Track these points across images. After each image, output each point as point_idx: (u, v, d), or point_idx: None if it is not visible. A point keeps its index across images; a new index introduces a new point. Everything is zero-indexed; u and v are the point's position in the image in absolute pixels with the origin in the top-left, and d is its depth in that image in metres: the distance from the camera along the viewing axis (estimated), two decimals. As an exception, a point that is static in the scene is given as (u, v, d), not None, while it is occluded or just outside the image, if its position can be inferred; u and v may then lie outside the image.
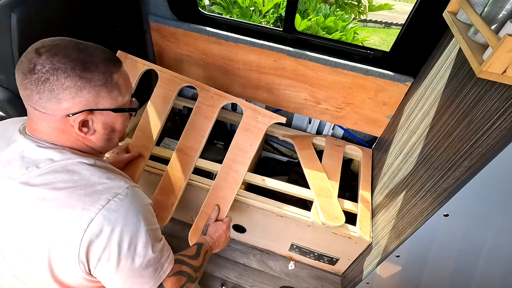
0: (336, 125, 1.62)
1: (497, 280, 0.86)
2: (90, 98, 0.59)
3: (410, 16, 1.14)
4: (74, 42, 0.59)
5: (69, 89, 0.56)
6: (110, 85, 0.61)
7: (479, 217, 0.73)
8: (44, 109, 0.57)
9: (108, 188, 0.60)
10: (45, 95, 0.55)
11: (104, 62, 0.60)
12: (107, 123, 0.65)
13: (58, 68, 0.55)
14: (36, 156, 0.60)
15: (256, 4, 3.35)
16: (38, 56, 0.55)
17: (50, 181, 0.58)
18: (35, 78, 0.54)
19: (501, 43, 0.54)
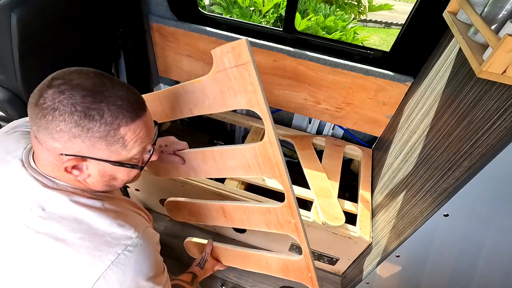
0: (336, 125, 1.62)
1: (497, 280, 0.86)
2: (84, 147, 0.52)
3: (410, 16, 1.14)
4: (92, 81, 0.52)
5: (62, 132, 0.50)
6: (112, 139, 0.53)
7: (479, 217, 0.73)
8: (41, 141, 0.53)
9: (118, 239, 0.57)
10: (42, 129, 0.51)
11: (115, 112, 0.52)
12: (105, 172, 0.58)
13: (57, 109, 0.49)
14: (41, 196, 0.56)
15: (256, 4, 3.35)
16: (48, 88, 0.51)
17: (56, 230, 0.55)
18: (36, 110, 0.51)
19: (501, 43, 0.54)
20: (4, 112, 1.23)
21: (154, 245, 0.64)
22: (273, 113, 1.72)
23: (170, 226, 1.56)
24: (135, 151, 0.58)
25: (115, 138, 0.53)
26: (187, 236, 1.51)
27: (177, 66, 1.60)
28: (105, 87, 0.52)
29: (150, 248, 0.61)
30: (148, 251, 0.60)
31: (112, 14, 1.35)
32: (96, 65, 1.43)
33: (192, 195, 1.33)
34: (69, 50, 1.23)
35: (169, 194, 1.42)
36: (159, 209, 1.54)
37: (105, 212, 0.59)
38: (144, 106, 0.58)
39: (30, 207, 0.56)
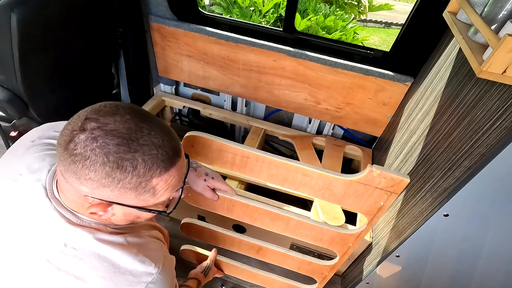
0: (336, 125, 1.62)
1: (497, 280, 0.86)
2: (112, 195, 0.50)
3: (410, 16, 1.14)
4: (128, 125, 0.48)
5: (91, 181, 0.48)
6: (143, 190, 0.50)
7: (479, 217, 0.73)
8: (67, 181, 0.51)
9: (139, 276, 0.56)
10: (70, 172, 0.48)
11: (148, 163, 0.48)
12: (130, 214, 0.56)
13: (88, 158, 0.46)
14: (64, 232, 0.55)
15: (256, 4, 3.35)
16: (81, 131, 0.46)
17: (77, 267, 0.54)
18: (65, 153, 0.47)
19: (501, 43, 0.54)
20: (4, 112, 1.23)
21: (172, 275, 0.65)
22: (273, 113, 1.72)
23: (170, 226, 1.55)
24: (164, 198, 0.55)
25: (145, 188, 0.51)
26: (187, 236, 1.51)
27: (177, 66, 1.60)
28: (142, 133, 0.48)
29: (169, 280, 0.62)
30: (167, 284, 0.60)
31: (112, 14, 1.35)
32: (96, 65, 1.44)
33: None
34: (69, 50, 1.23)
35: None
36: (159, 209, 1.54)
37: (128, 248, 0.58)
38: (180, 151, 0.54)
39: (52, 241, 0.55)
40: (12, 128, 1.31)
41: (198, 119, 1.74)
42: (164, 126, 0.52)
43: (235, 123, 1.70)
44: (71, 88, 1.32)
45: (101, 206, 0.52)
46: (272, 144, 1.85)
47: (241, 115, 1.69)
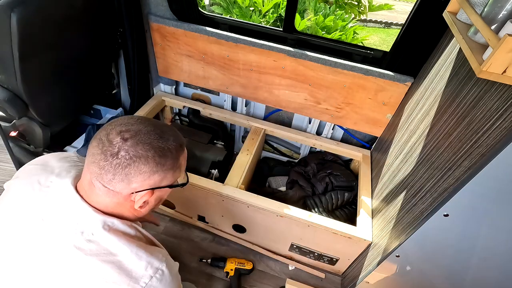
0: (336, 125, 1.62)
1: (497, 280, 0.86)
2: (158, 180, 0.63)
3: (410, 16, 1.14)
4: (153, 127, 0.63)
5: (145, 173, 0.60)
6: (176, 167, 0.66)
7: (479, 217, 0.73)
8: (113, 187, 0.60)
9: (150, 263, 0.63)
10: (120, 177, 0.59)
11: (177, 147, 0.65)
12: (161, 196, 0.70)
13: (141, 156, 0.59)
14: (92, 221, 0.62)
15: (256, 4, 3.35)
16: (124, 141, 0.58)
17: (101, 252, 0.60)
18: (116, 162, 0.58)
19: (501, 43, 0.54)
20: (4, 112, 1.23)
21: (177, 273, 0.71)
22: (273, 113, 1.72)
23: (170, 226, 1.56)
24: (184, 172, 0.72)
25: (177, 165, 0.66)
26: (187, 236, 1.52)
27: (177, 66, 1.60)
28: (163, 129, 0.64)
29: (176, 277, 0.69)
30: (173, 277, 0.66)
31: (112, 14, 1.35)
32: (96, 65, 1.44)
33: (192, 195, 1.33)
34: (69, 50, 1.23)
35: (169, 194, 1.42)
36: (159, 209, 1.54)
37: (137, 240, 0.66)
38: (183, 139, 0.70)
39: (81, 230, 0.61)
40: (12, 128, 1.31)
41: (198, 119, 1.74)
42: (168, 125, 0.68)
43: (235, 123, 1.70)
44: (71, 88, 1.32)
45: (148, 195, 0.63)
46: (272, 144, 1.85)
47: (241, 115, 1.70)
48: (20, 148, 1.32)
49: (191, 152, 1.51)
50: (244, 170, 1.38)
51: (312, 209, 1.46)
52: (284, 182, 1.66)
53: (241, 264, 1.38)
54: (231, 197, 1.25)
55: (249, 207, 1.26)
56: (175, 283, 0.67)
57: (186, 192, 1.32)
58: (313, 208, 1.46)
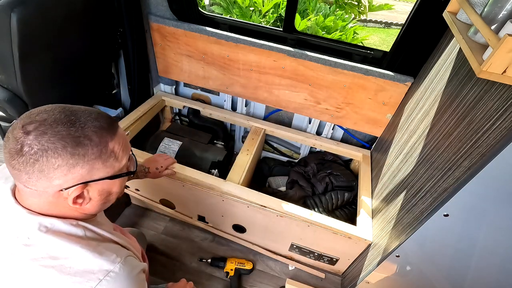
0: (336, 125, 1.62)
1: (497, 280, 0.86)
2: (84, 172, 0.55)
3: (410, 16, 1.14)
4: (64, 114, 0.54)
5: (60, 168, 0.52)
6: (105, 155, 0.57)
7: (479, 217, 0.73)
8: (35, 187, 0.54)
9: (100, 265, 0.57)
10: (35, 175, 0.52)
11: (98, 133, 0.56)
12: (104, 190, 0.61)
13: (48, 149, 0.50)
14: (26, 224, 0.57)
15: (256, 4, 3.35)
16: (26, 135, 0.50)
17: (39, 257, 0.55)
18: (22, 160, 0.51)
19: (501, 43, 0.54)
20: (4, 112, 1.23)
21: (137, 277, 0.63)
22: (273, 113, 1.72)
23: (170, 226, 1.56)
24: (125, 160, 0.63)
25: (107, 154, 0.57)
26: (187, 236, 1.52)
27: (177, 66, 1.60)
28: (77, 115, 0.55)
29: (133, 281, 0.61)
30: (129, 280, 0.60)
31: (112, 14, 1.35)
32: (96, 65, 1.44)
33: (192, 195, 1.33)
34: (69, 50, 1.23)
35: (169, 194, 1.43)
36: (159, 209, 1.54)
37: (86, 240, 0.60)
38: (116, 121, 0.62)
39: (16, 234, 0.57)
40: (12, 128, 1.31)
41: (198, 119, 1.74)
42: (90, 108, 0.59)
43: (235, 123, 1.70)
44: (71, 88, 1.32)
45: (79, 189, 0.56)
46: (272, 144, 1.85)
47: (241, 115, 1.69)
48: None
49: (191, 152, 1.51)
50: (244, 170, 1.38)
51: (312, 209, 1.46)
52: (284, 182, 1.66)
53: (241, 264, 1.38)
54: (232, 194, 1.25)
55: (249, 207, 1.26)
56: (132, 285, 0.60)
57: (186, 192, 1.32)
58: (313, 208, 1.46)
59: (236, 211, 1.32)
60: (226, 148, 1.68)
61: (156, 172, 1.17)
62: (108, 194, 0.63)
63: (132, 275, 0.61)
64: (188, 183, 1.27)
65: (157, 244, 1.47)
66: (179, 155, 1.48)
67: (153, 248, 1.45)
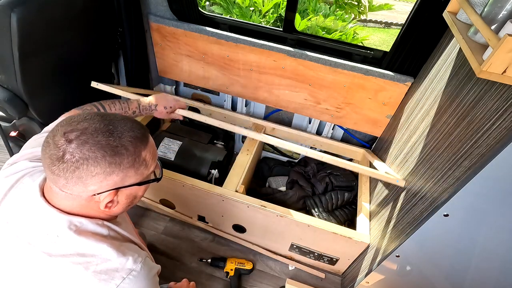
0: (336, 125, 1.62)
1: (497, 280, 0.86)
2: (118, 179, 0.58)
3: (410, 16, 1.14)
4: (103, 123, 0.57)
5: (98, 175, 0.55)
6: (138, 164, 0.60)
7: (479, 217, 0.73)
8: (70, 191, 0.57)
9: (123, 264, 0.61)
10: (73, 181, 0.55)
11: (133, 142, 0.59)
12: (131, 194, 0.65)
13: (89, 158, 0.53)
14: (56, 222, 0.59)
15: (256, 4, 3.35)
16: (68, 143, 0.53)
17: (67, 254, 0.58)
18: (63, 166, 0.53)
19: (501, 43, 0.54)
20: (4, 112, 1.23)
21: (154, 278, 0.67)
22: (273, 113, 1.72)
23: (170, 226, 1.56)
24: (153, 167, 0.65)
25: (139, 162, 0.61)
26: (187, 236, 1.52)
27: (177, 66, 1.60)
28: (114, 125, 0.58)
29: (152, 281, 0.65)
30: (148, 280, 0.63)
31: (111, 14, 1.35)
32: (96, 65, 1.44)
33: (192, 195, 1.33)
34: (69, 50, 1.23)
35: (169, 194, 1.43)
36: (159, 209, 1.54)
37: (110, 239, 0.64)
38: (147, 129, 0.65)
39: (46, 232, 0.59)
40: (12, 128, 1.31)
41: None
42: (126, 116, 0.63)
43: (236, 122, 1.70)
44: (71, 88, 1.32)
45: (111, 195, 0.59)
46: (272, 144, 1.85)
47: (241, 115, 1.69)
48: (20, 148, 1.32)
49: (191, 152, 1.51)
50: (244, 170, 1.38)
51: (312, 209, 1.47)
52: (284, 182, 1.66)
53: (241, 264, 1.38)
54: (230, 199, 1.25)
55: (249, 207, 1.26)
56: (150, 285, 0.64)
57: (186, 192, 1.32)
58: (313, 208, 1.46)
59: (236, 211, 1.32)
60: (226, 148, 1.68)
61: (163, 112, 1.15)
62: (134, 198, 0.66)
63: (150, 275, 0.65)
64: (187, 185, 1.27)
65: (157, 244, 1.47)
66: (179, 155, 1.48)
67: (153, 248, 1.45)
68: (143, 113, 1.10)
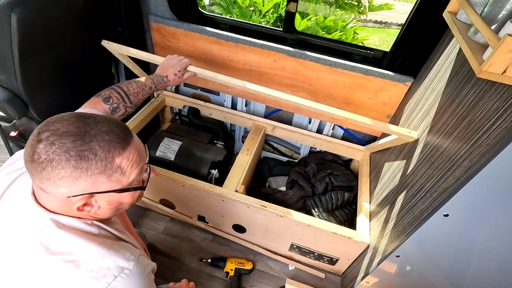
0: (336, 125, 1.62)
1: (497, 280, 0.86)
2: (88, 185, 0.56)
3: (410, 16, 1.14)
4: (76, 126, 0.55)
5: (64, 178, 0.54)
6: (110, 171, 0.57)
7: (479, 217, 0.73)
8: (47, 191, 0.57)
9: (115, 262, 0.60)
10: (45, 180, 0.55)
11: (105, 147, 0.56)
12: (112, 200, 0.62)
13: (53, 160, 0.53)
14: (44, 220, 0.60)
15: (256, 4, 3.35)
16: (37, 143, 0.53)
17: (58, 251, 0.58)
18: (33, 166, 0.54)
19: (501, 43, 0.54)
20: (4, 112, 1.23)
21: (148, 276, 0.66)
22: (273, 113, 1.72)
23: (170, 226, 1.56)
24: (134, 175, 0.62)
25: (112, 169, 0.57)
26: (187, 236, 1.52)
27: (177, 66, 1.60)
28: (89, 126, 0.56)
29: (146, 280, 0.64)
30: (142, 279, 0.63)
31: (111, 14, 1.35)
32: (96, 65, 1.44)
33: (192, 195, 1.33)
34: (69, 50, 1.23)
35: (169, 194, 1.43)
36: (159, 209, 1.54)
37: (101, 238, 0.63)
38: (130, 133, 0.62)
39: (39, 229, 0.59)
40: (12, 128, 1.31)
41: (198, 119, 1.74)
42: (108, 117, 0.61)
43: (235, 123, 1.70)
44: (71, 88, 1.32)
45: (84, 199, 0.58)
46: (272, 144, 1.85)
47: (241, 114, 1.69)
48: (20, 148, 1.32)
49: (191, 152, 1.51)
50: (244, 170, 1.38)
51: (312, 209, 1.47)
52: (284, 182, 1.66)
53: (241, 264, 1.38)
54: (230, 199, 1.25)
55: (249, 207, 1.26)
56: (144, 284, 0.63)
57: (186, 192, 1.32)
58: (313, 208, 1.47)
59: (236, 211, 1.32)
60: (226, 148, 1.68)
61: (176, 79, 1.13)
62: (119, 204, 0.64)
63: (144, 273, 0.64)
64: (187, 185, 1.27)
65: (157, 244, 1.47)
66: (179, 155, 1.48)
67: (153, 248, 1.45)
68: (159, 87, 1.10)
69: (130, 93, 0.98)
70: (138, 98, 1.01)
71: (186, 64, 1.17)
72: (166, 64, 1.14)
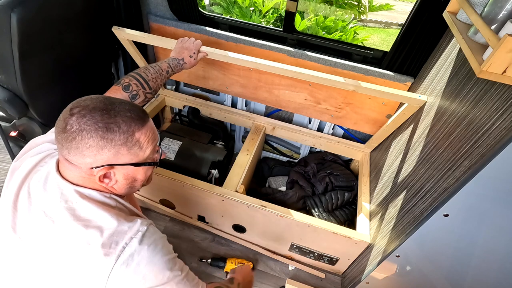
0: (336, 125, 1.62)
1: (497, 280, 0.86)
2: (111, 155, 0.64)
3: (410, 16, 1.14)
4: (104, 103, 0.64)
5: (92, 147, 0.61)
6: (131, 143, 0.65)
7: (479, 217, 0.73)
8: (72, 161, 0.64)
9: (131, 227, 0.67)
10: (72, 150, 0.62)
11: (127, 122, 0.64)
12: (128, 175, 0.70)
13: (84, 130, 0.60)
14: (69, 191, 0.66)
15: (256, 4, 3.35)
16: (70, 116, 0.61)
17: (83, 218, 0.65)
18: (65, 136, 0.61)
19: (501, 43, 0.54)
20: (4, 112, 1.23)
21: (162, 238, 0.73)
22: (273, 113, 1.72)
23: (170, 226, 1.56)
24: (149, 150, 0.70)
25: (132, 142, 0.65)
26: (187, 236, 1.52)
27: (177, 66, 1.60)
28: (114, 105, 0.65)
29: (160, 241, 0.71)
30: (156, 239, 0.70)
31: (111, 14, 1.35)
32: (96, 65, 1.44)
33: (192, 195, 1.33)
34: (69, 50, 1.23)
35: (169, 194, 1.43)
36: (159, 209, 1.54)
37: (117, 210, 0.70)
38: (147, 114, 0.71)
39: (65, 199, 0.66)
40: (12, 128, 1.31)
41: (198, 119, 1.74)
42: (129, 102, 0.69)
43: (235, 123, 1.70)
44: (71, 88, 1.32)
45: (105, 169, 0.65)
46: (272, 144, 1.85)
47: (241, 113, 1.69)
48: (20, 148, 1.32)
49: (191, 152, 1.51)
50: (244, 170, 1.38)
51: (312, 209, 1.47)
52: (284, 182, 1.66)
53: (241, 264, 1.38)
54: (230, 199, 1.25)
55: (249, 207, 1.26)
56: (158, 244, 0.68)
57: (186, 192, 1.32)
58: (313, 208, 1.47)
59: (236, 211, 1.32)
60: (226, 148, 1.68)
61: (191, 60, 1.16)
62: (133, 180, 0.71)
63: (157, 236, 0.71)
64: (187, 185, 1.27)
65: (157, 244, 1.47)
66: (179, 155, 1.48)
67: (153, 248, 1.45)
68: (175, 70, 1.13)
69: (148, 79, 1.01)
70: (157, 83, 1.04)
71: (199, 45, 1.19)
72: (180, 47, 1.17)
